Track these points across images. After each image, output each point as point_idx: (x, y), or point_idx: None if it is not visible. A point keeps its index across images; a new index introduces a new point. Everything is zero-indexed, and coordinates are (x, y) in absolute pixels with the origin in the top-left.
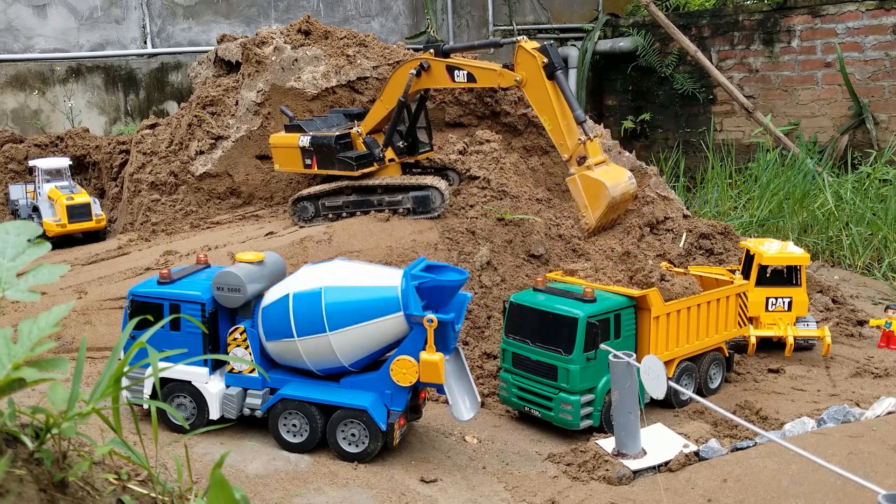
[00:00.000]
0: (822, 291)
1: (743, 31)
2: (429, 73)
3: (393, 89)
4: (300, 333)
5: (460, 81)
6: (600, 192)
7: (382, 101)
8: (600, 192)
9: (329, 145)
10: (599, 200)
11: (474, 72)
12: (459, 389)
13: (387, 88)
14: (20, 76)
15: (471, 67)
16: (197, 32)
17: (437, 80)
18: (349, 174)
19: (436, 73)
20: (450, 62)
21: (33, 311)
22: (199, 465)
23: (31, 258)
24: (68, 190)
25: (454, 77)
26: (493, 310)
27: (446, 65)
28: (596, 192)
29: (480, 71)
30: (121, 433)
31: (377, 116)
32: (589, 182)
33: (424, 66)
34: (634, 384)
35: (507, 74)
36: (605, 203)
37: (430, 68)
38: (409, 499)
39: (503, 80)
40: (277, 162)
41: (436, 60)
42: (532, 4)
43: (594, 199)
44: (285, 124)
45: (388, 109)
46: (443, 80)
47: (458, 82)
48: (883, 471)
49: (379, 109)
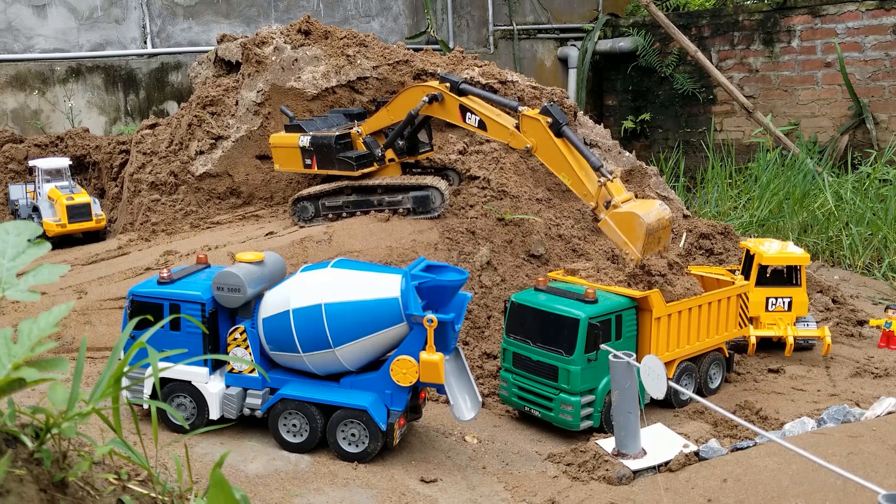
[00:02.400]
0: (822, 291)
1: (743, 31)
2: (441, 105)
3: (401, 105)
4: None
5: (470, 124)
6: (634, 223)
7: (388, 112)
8: (634, 223)
9: (329, 145)
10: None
11: (487, 122)
12: (460, 389)
13: (395, 102)
14: (20, 76)
15: (484, 116)
16: (197, 32)
17: (448, 115)
18: (349, 174)
19: (448, 108)
20: (464, 103)
21: (33, 311)
22: (199, 465)
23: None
24: (68, 190)
25: (465, 118)
26: (493, 310)
27: (460, 104)
28: (630, 224)
29: (493, 124)
30: (121, 433)
31: (380, 123)
32: (620, 218)
33: (438, 98)
34: (634, 384)
35: (520, 138)
36: (642, 232)
37: (443, 101)
38: (409, 499)
39: (515, 141)
40: (277, 162)
41: (450, 96)
42: (532, 4)
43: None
44: (285, 124)
45: (392, 121)
46: (453, 117)
47: (468, 124)
48: (883, 471)
49: (383, 118)
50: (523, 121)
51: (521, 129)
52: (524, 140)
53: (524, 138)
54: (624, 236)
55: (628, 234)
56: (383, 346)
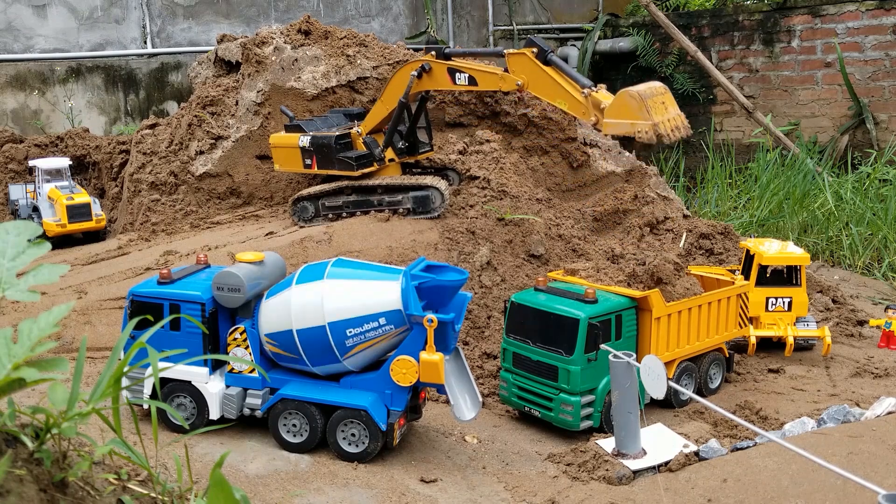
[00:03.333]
0: (822, 291)
1: (743, 31)
2: (430, 74)
3: (393, 90)
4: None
5: (461, 84)
6: (626, 101)
7: (383, 102)
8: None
9: (329, 145)
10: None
11: (476, 75)
12: (460, 389)
13: (387, 89)
14: (20, 76)
15: (472, 70)
16: (197, 32)
17: (438, 83)
18: (349, 174)
19: (437, 76)
20: (451, 64)
21: (33, 311)
22: (199, 465)
23: (31, 258)
24: (68, 190)
25: (455, 80)
26: (493, 310)
27: (447, 67)
28: (624, 105)
29: (482, 74)
30: (121, 433)
31: (377, 117)
32: (614, 109)
33: (426, 68)
34: (634, 384)
35: (509, 78)
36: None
37: (431, 70)
38: (409, 499)
39: (505, 83)
40: (277, 162)
41: (437, 62)
42: (532, 4)
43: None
44: (285, 124)
45: (388, 110)
46: (444, 83)
47: (459, 85)
48: (883, 471)
49: (379, 110)
50: (510, 59)
51: (509, 68)
52: (514, 79)
53: (513, 77)
54: (628, 120)
55: (629, 115)
56: (387, 349)
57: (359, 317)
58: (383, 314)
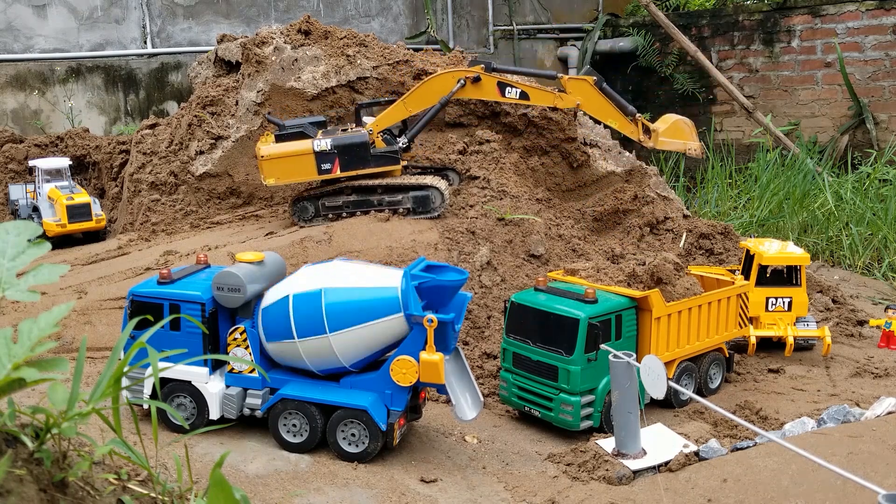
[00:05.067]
0: (822, 291)
1: (743, 31)
2: (477, 85)
3: (424, 94)
4: (301, 335)
5: (510, 98)
6: (683, 126)
7: (406, 104)
8: (683, 126)
9: (363, 144)
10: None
11: (530, 92)
12: (461, 389)
13: (416, 93)
14: (20, 76)
15: (525, 87)
16: (197, 32)
17: (486, 94)
18: (392, 169)
19: (486, 87)
20: (504, 79)
21: (33, 311)
22: (199, 465)
23: (31, 258)
24: (68, 190)
25: (505, 93)
26: (493, 310)
27: (498, 81)
28: (679, 129)
29: (536, 92)
30: (121, 433)
31: (395, 117)
32: (670, 130)
33: (475, 80)
34: (634, 384)
35: (567, 98)
36: (691, 128)
37: (480, 82)
38: (409, 499)
39: (562, 102)
40: (272, 175)
41: (488, 76)
42: (532, 4)
43: (683, 133)
44: (276, 133)
45: (409, 112)
46: (491, 94)
47: (509, 98)
48: (883, 471)
49: (399, 111)
50: (570, 83)
51: (566, 90)
52: (573, 98)
53: (572, 97)
54: (681, 140)
55: (682, 136)
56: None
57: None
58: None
